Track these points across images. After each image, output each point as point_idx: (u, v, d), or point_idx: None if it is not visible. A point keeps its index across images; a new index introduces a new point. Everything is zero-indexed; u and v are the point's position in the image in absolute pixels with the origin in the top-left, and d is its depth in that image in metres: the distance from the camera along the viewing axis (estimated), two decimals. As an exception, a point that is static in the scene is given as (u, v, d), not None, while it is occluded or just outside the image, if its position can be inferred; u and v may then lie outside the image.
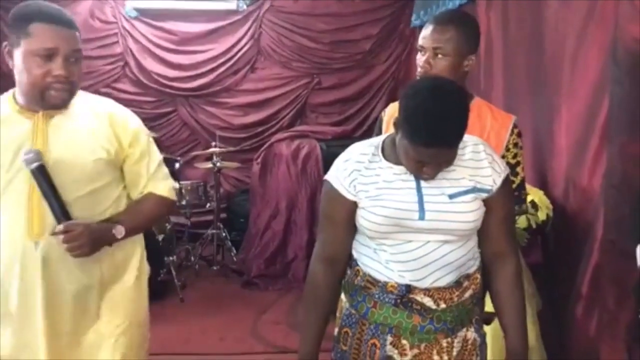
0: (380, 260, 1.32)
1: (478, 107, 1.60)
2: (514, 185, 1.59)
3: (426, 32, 1.55)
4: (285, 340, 2.94)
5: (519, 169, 1.61)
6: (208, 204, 3.91)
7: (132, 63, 4.46)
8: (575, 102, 2.12)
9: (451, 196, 1.27)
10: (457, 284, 1.30)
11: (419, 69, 1.58)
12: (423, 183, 1.28)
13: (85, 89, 4.83)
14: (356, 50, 4.53)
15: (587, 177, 2.01)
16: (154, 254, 3.28)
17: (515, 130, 1.59)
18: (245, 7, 4.42)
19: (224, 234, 4.01)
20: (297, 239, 3.79)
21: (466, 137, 1.31)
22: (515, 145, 1.59)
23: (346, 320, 1.38)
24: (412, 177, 1.28)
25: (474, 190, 1.28)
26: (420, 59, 1.57)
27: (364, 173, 1.31)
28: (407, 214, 1.27)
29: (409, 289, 1.28)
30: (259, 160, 3.97)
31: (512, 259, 1.36)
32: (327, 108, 4.61)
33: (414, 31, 4.50)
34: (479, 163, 1.30)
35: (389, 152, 1.32)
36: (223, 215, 4.23)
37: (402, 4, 4.48)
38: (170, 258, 3.53)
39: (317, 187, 3.72)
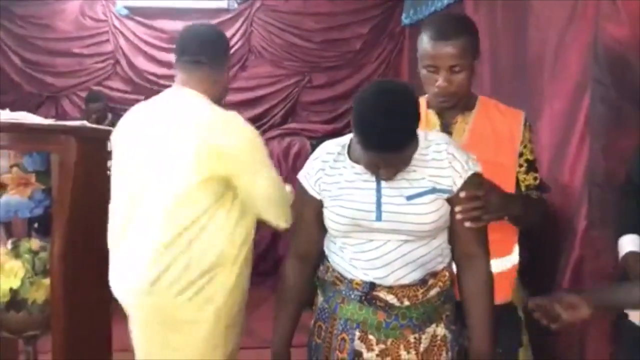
0: (345, 257, 1.34)
1: (485, 106, 1.55)
2: (537, 179, 1.57)
3: (435, 49, 1.40)
4: (275, 336, 2.96)
5: (537, 164, 1.59)
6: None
7: (123, 61, 4.46)
8: (556, 100, 2.16)
9: (409, 197, 1.28)
10: (422, 281, 1.31)
11: (433, 89, 1.45)
12: (383, 183, 1.29)
13: (76, 86, 4.84)
14: (347, 49, 4.56)
15: (568, 174, 2.05)
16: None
17: (528, 124, 1.54)
18: (236, 5, 4.44)
19: (215, 232, 4.02)
20: (288, 236, 3.81)
21: (431, 136, 1.34)
22: (530, 140, 1.55)
23: (320, 314, 1.42)
24: (373, 178, 1.30)
25: (433, 191, 1.29)
26: (431, 77, 1.43)
27: (328, 172, 1.34)
28: (364, 215, 1.29)
29: (372, 286, 1.30)
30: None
31: (481, 261, 1.34)
32: (318, 106, 4.64)
33: (404, 30, 4.54)
34: (439, 163, 1.30)
35: (354, 152, 1.33)
36: (214, 213, 4.25)
37: (392, 3, 4.51)
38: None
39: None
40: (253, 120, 4.62)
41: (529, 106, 2.43)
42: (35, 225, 1.90)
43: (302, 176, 1.39)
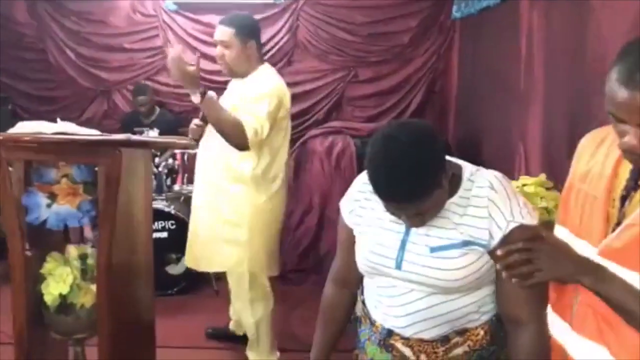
0: (370, 296, 1.29)
1: None
2: None
3: (621, 97, 0.95)
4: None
5: None
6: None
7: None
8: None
9: (433, 249, 1.15)
10: (444, 338, 1.19)
11: (621, 143, 1.00)
12: (413, 228, 1.18)
13: (127, 81, 5.06)
14: (394, 42, 4.45)
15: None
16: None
17: None
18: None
19: (258, 227, 4.08)
20: (330, 235, 3.81)
21: (478, 176, 1.17)
22: None
23: (357, 343, 1.40)
24: None
25: (463, 244, 1.13)
26: (617, 127, 1.00)
27: (362, 204, 1.28)
28: (384, 261, 1.20)
29: (390, 333, 1.23)
30: (293, 156, 3.99)
31: (528, 329, 1.14)
32: (363, 101, 4.57)
33: (455, 24, 4.39)
34: (477, 210, 1.14)
35: None
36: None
37: (442, -5, 4.37)
38: (206, 251, 3.61)
39: (351, 184, 3.72)
40: (297, 116, 4.62)
41: (585, 113, 2.30)
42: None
43: (342, 202, 1.35)
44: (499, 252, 1.05)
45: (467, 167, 1.21)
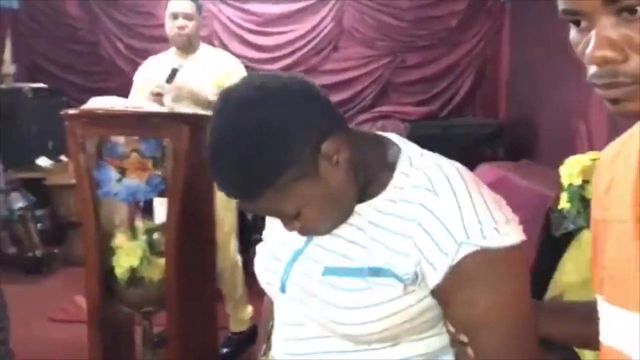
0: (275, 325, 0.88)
1: None
2: None
3: None
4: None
5: None
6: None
7: (217, 45, 4.57)
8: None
9: (327, 270, 0.75)
10: None
11: (587, 66, 0.53)
12: (316, 237, 0.79)
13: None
14: (441, 27, 4.37)
15: None
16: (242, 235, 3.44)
17: None
18: (327, -14, 4.39)
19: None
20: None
21: (413, 170, 0.73)
22: None
23: None
24: None
25: (370, 272, 0.71)
26: (579, 40, 0.55)
27: None
28: (271, 278, 0.82)
29: None
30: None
31: None
32: (411, 87, 4.51)
33: (504, 6, 4.28)
34: (400, 225, 0.71)
35: None
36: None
37: (491, -24, 4.26)
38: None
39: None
40: (343, 103, 4.63)
41: None
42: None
43: None
44: (463, 339, 0.68)
45: (407, 152, 0.76)
